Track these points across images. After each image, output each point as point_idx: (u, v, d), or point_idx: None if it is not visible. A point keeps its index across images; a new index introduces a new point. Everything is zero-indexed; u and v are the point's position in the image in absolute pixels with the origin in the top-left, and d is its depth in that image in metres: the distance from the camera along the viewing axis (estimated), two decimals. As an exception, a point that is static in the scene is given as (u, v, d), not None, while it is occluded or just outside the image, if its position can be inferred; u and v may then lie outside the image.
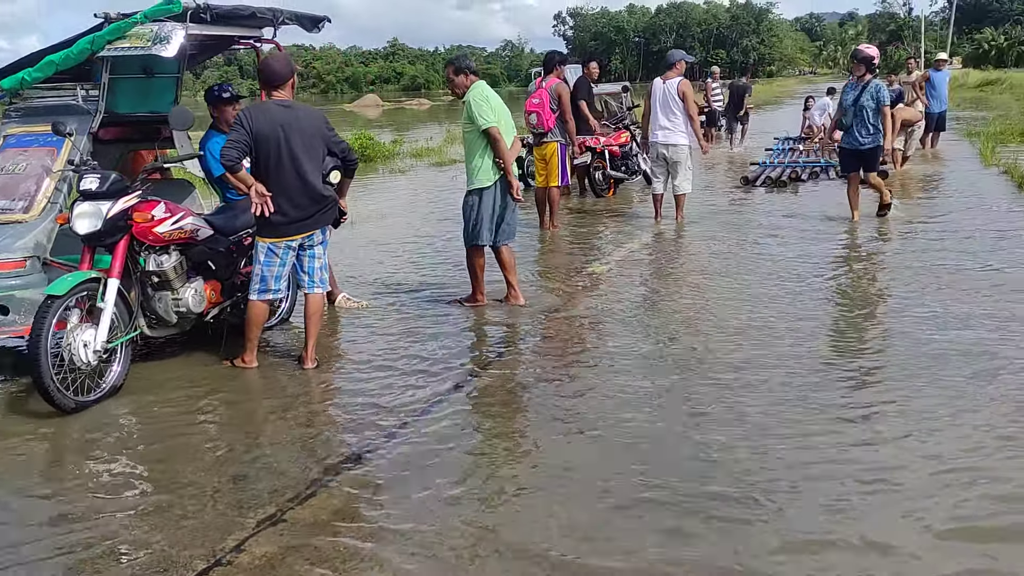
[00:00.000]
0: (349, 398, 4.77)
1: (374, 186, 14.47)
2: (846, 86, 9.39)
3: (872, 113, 8.90)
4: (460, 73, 6.17)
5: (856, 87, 9.06)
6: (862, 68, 9.00)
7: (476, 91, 6.09)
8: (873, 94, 8.89)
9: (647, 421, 4.24)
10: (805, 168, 13.38)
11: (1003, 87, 38.11)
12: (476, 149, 6.10)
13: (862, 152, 9.08)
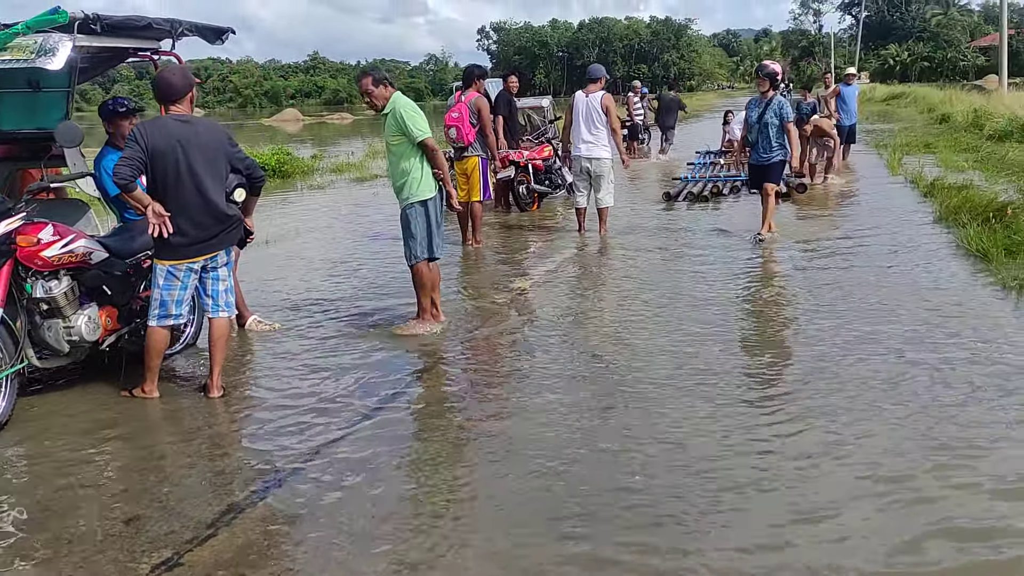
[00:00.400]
0: (256, 429, 4.52)
1: (292, 202, 14.11)
2: (750, 102, 9.24)
3: (776, 130, 8.81)
4: (380, 84, 5.87)
5: (760, 104, 8.96)
6: (766, 83, 8.93)
7: (403, 102, 5.89)
8: (776, 111, 8.80)
9: (569, 443, 4.09)
10: (726, 183, 13.33)
11: (908, 100, 39.42)
12: (411, 161, 5.87)
13: (763, 167, 9.02)
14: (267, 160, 17.87)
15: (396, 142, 5.89)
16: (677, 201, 12.28)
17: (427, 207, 5.92)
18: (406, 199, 5.93)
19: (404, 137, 5.82)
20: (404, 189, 5.92)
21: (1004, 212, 8.32)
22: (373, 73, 5.96)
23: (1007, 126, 17.90)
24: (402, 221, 6.03)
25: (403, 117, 5.78)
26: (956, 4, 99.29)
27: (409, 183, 5.88)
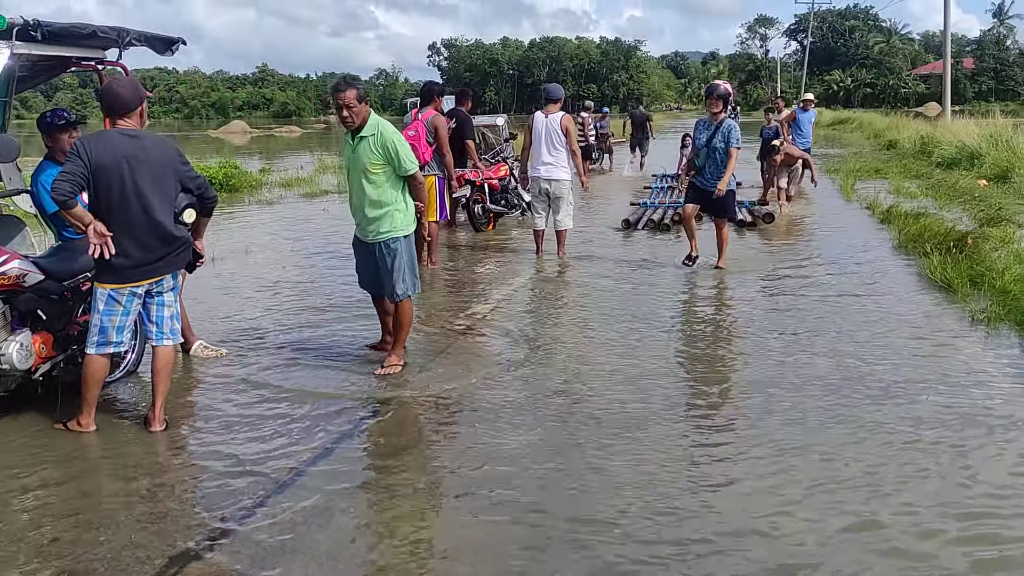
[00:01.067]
0: (202, 465, 4.21)
1: (239, 218, 13.70)
2: (699, 123, 8.71)
3: (724, 155, 8.35)
4: (363, 101, 5.30)
5: (710, 126, 8.46)
6: (719, 104, 8.36)
7: (389, 128, 5.33)
8: (725, 135, 8.31)
9: (524, 481, 3.86)
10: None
11: (854, 126, 40.33)
12: (393, 192, 5.36)
13: (717, 198, 8.46)
14: (214, 173, 17.44)
15: (377, 171, 5.30)
16: (636, 229, 11.63)
17: (409, 241, 5.50)
18: (387, 232, 5.39)
19: (388, 167, 5.30)
20: (383, 222, 5.38)
21: (965, 242, 8.34)
22: (358, 86, 5.32)
23: (955, 154, 18.24)
24: (382, 256, 5.45)
25: (395, 146, 5.24)
26: (898, 32, 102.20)
27: (390, 216, 5.37)
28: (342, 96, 5.19)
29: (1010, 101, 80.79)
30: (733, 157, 8.34)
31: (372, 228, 5.43)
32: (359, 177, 5.36)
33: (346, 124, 5.29)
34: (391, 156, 5.26)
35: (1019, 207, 11.66)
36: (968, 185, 14.18)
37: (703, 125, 8.56)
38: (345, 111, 5.22)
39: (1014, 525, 3.43)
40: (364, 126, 5.29)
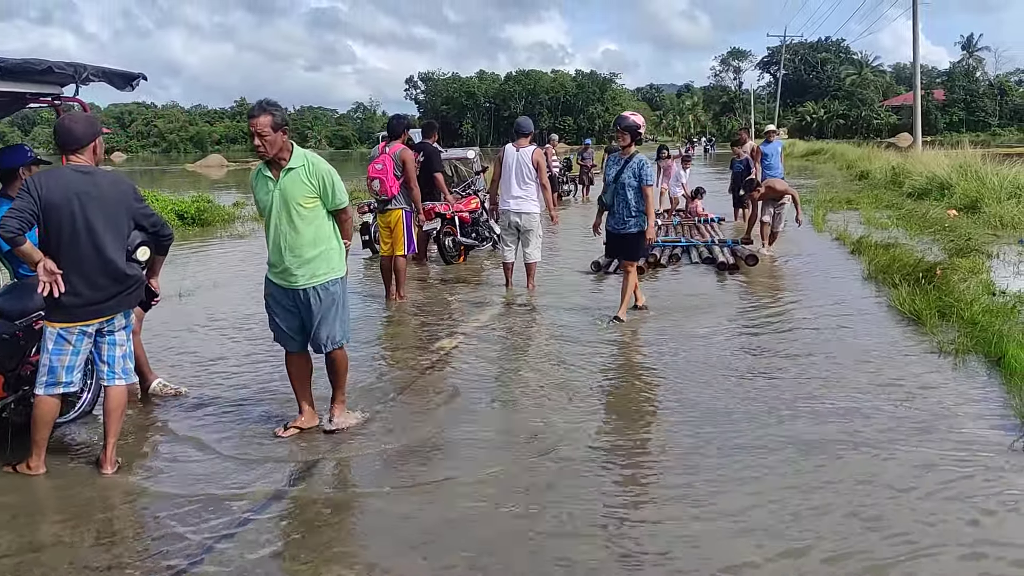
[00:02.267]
0: (154, 512, 4.06)
1: (210, 252, 13.57)
2: (608, 159, 8.09)
3: (634, 193, 7.64)
4: (281, 129, 4.67)
5: (619, 161, 7.78)
6: (627, 137, 7.68)
7: (317, 158, 4.83)
8: (636, 170, 7.61)
9: (490, 529, 3.76)
10: (664, 249, 11.82)
11: (826, 156, 40.81)
12: (327, 230, 4.85)
13: (621, 236, 7.80)
14: (187, 208, 17.33)
15: (310, 205, 4.75)
16: (607, 273, 10.55)
17: (344, 283, 4.99)
18: (323, 275, 4.83)
19: (320, 201, 4.78)
20: (319, 264, 4.82)
21: (934, 273, 8.36)
22: (274, 112, 4.65)
23: (926, 184, 18.43)
24: (317, 302, 4.86)
25: (330, 177, 4.77)
26: (869, 65, 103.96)
27: (326, 256, 4.84)
28: (254, 123, 4.60)
29: (980, 132, 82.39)
30: (649, 197, 7.67)
31: (304, 272, 4.81)
32: (287, 215, 4.77)
33: (259, 154, 4.71)
34: (325, 188, 4.76)
35: (988, 237, 11.76)
36: (938, 215, 14.31)
37: (612, 160, 7.90)
38: (257, 139, 4.64)
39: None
40: (290, 158, 4.73)
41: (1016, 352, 5.77)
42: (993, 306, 7.29)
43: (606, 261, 10.48)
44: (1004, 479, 4.12)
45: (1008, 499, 3.89)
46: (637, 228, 7.67)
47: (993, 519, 3.73)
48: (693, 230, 14.39)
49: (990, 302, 7.47)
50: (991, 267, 9.49)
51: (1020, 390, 5.24)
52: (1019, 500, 3.88)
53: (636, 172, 7.62)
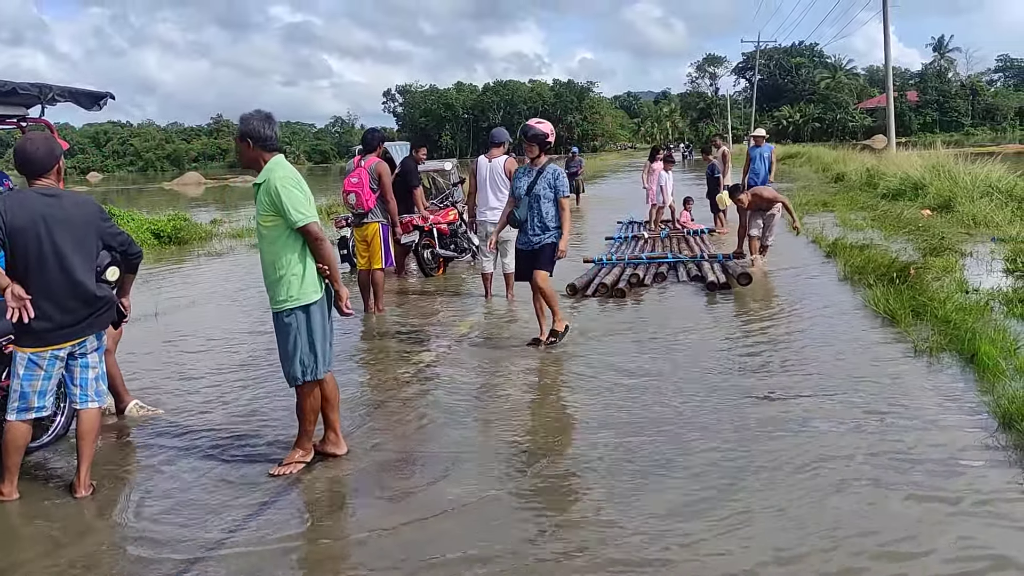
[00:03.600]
0: (127, 536, 4.02)
1: (187, 271, 13.48)
2: (517, 171, 7.58)
3: (550, 204, 7.19)
4: (246, 140, 4.51)
5: (529, 172, 7.31)
6: (535, 148, 7.23)
7: (281, 172, 4.46)
8: (551, 181, 7.18)
9: (472, 552, 3.74)
10: (648, 266, 10.81)
11: (803, 160, 41.12)
12: (289, 252, 4.45)
13: (533, 251, 7.27)
14: (163, 226, 17.24)
15: (270, 224, 4.46)
16: (585, 295, 9.58)
17: (309, 313, 4.53)
18: (282, 302, 4.50)
19: (280, 219, 4.43)
20: (279, 288, 4.49)
21: (907, 273, 8.42)
22: (242, 124, 4.54)
23: (900, 185, 18.60)
24: (276, 331, 4.62)
25: (278, 192, 4.37)
26: (843, 68, 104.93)
27: (287, 281, 4.47)
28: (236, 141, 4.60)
29: (953, 132, 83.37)
30: (566, 209, 7.21)
31: (269, 295, 4.60)
32: (258, 235, 4.65)
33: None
34: (277, 205, 4.39)
35: (961, 236, 11.86)
36: (912, 216, 14.43)
37: (523, 172, 7.42)
38: (238, 156, 4.59)
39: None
40: (260, 172, 4.52)
41: (988, 349, 5.82)
42: (966, 304, 7.35)
43: (583, 282, 9.82)
44: (982, 476, 4.14)
45: (984, 497, 3.92)
46: (550, 240, 7.18)
47: (968, 516, 3.75)
48: (681, 243, 13.52)
49: (963, 300, 7.54)
50: (964, 265, 9.57)
51: (992, 387, 5.28)
52: (994, 498, 3.90)
53: (551, 183, 7.18)
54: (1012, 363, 5.67)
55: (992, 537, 3.55)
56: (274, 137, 4.57)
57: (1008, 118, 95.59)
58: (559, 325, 7.28)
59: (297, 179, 4.51)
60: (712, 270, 10.10)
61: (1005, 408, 4.79)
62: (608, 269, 10.56)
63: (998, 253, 10.24)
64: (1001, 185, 15.66)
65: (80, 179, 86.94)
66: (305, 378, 4.59)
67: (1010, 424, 4.64)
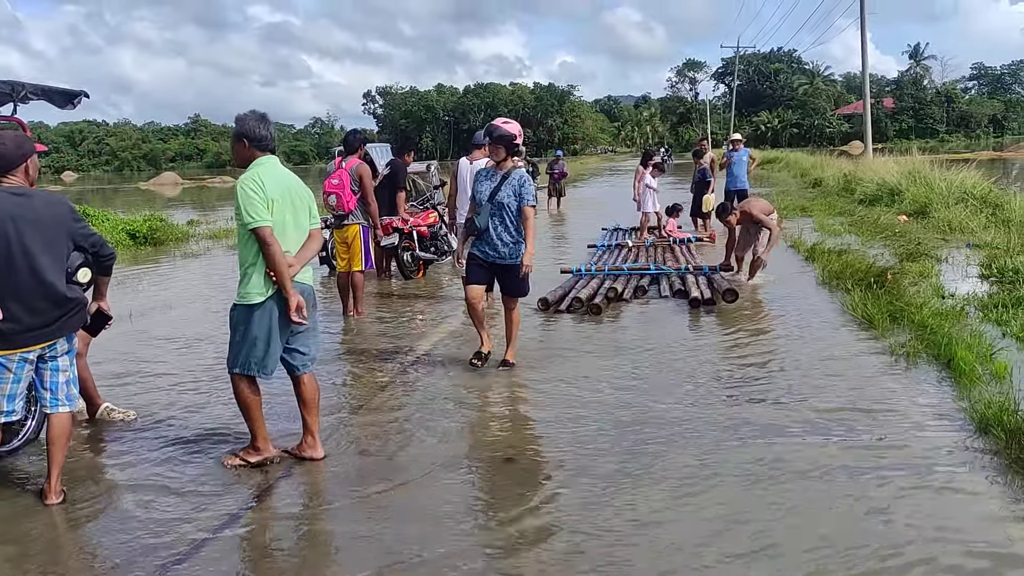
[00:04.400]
0: (101, 539, 3.96)
1: (163, 272, 13.33)
2: (479, 173, 6.79)
3: (515, 214, 6.51)
4: (240, 140, 4.64)
5: (493, 176, 6.60)
6: (501, 151, 6.50)
7: (251, 173, 4.54)
8: (516, 188, 6.47)
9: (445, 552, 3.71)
10: (629, 277, 10.14)
11: (781, 165, 41.38)
12: (247, 250, 4.52)
13: (504, 268, 6.59)
14: (139, 227, 17.07)
15: (238, 222, 4.57)
16: (559, 310, 8.85)
17: (251, 314, 4.54)
18: (239, 295, 4.60)
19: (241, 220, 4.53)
20: (240, 282, 4.60)
21: (885, 278, 8.47)
22: (237, 124, 4.66)
23: (876, 191, 18.75)
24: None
25: (237, 191, 4.49)
26: (820, 74, 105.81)
27: (245, 278, 4.55)
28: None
29: (929, 138, 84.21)
30: (530, 219, 6.51)
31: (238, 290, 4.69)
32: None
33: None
34: (236, 205, 4.50)
35: (937, 242, 11.96)
36: (889, 221, 14.54)
37: (485, 175, 6.69)
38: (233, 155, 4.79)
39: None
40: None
41: (964, 355, 5.86)
42: (942, 309, 7.41)
43: (556, 297, 9.04)
44: (954, 482, 4.15)
45: (963, 499, 3.93)
46: (520, 257, 6.53)
47: (948, 519, 3.76)
48: (666, 252, 12.77)
49: (939, 305, 7.59)
50: (940, 271, 9.65)
51: (969, 392, 5.31)
52: (972, 502, 3.92)
53: (516, 190, 6.48)
54: (988, 368, 5.71)
55: (962, 532, 3.56)
56: (268, 137, 4.67)
57: (982, 125, 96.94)
58: (512, 356, 6.72)
59: (258, 183, 4.47)
60: (696, 284, 9.39)
61: (982, 413, 4.82)
62: (586, 280, 9.89)
63: (973, 259, 10.34)
64: (976, 191, 15.82)
65: (54, 178, 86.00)
66: (233, 369, 4.65)
67: (987, 429, 4.66)
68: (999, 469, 4.25)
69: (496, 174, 6.59)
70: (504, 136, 6.49)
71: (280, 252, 4.46)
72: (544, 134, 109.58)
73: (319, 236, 4.89)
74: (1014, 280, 8.33)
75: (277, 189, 4.55)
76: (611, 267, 10.72)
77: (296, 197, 4.67)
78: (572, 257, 12.69)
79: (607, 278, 10.06)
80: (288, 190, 4.63)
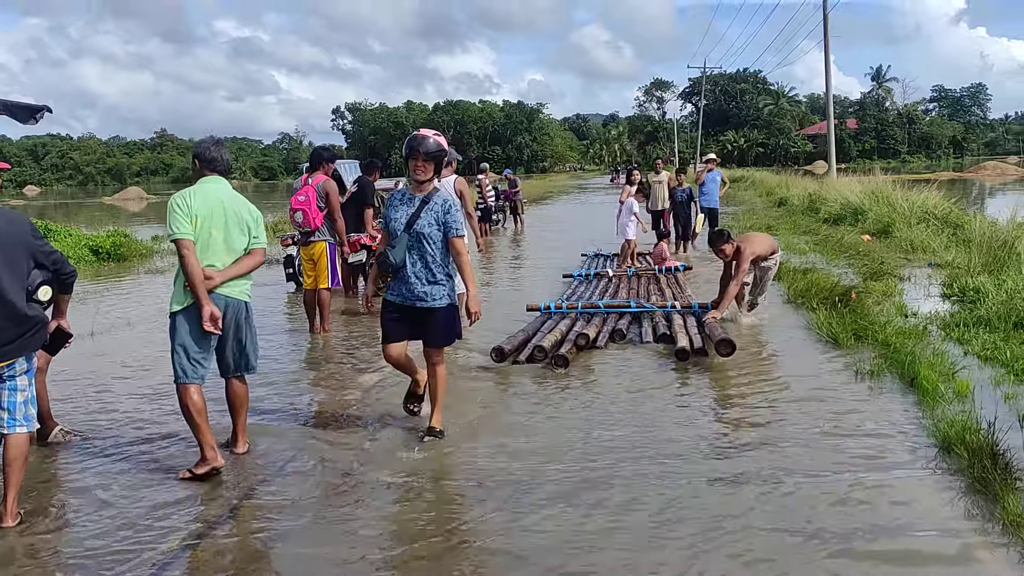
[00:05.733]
0: (59, 561, 3.87)
1: (125, 289, 13.13)
2: (392, 197, 5.48)
3: (438, 248, 5.23)
4: (193, 160, 5.05)
5: (410, 201, 5.28)
6: (428, 169, 5.18)
7: (185, 189, 4.88)
8: (439, 215, 5.19)
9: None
10: (605, 318, 8.58)
11: (747, 184, 41.82)
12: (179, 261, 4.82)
13: (422, 312, 5.29)
14: (102, 243, 16.82)
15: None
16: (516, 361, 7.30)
17: (175, 322, 4.82)
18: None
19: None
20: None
21: (849, 296, 8.56)
22: (194, 146, 5.08)
23: (840, 210, 19.00)
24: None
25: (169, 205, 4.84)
26: (785, 95, 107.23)
27: (173, 288, 4.95)
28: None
29: (891, 159, 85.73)
30: (463, 255, 5.29)
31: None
32: None
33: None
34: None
35: (900, 261, 12.13)
36: (853, 240, 14.72)
37: (400, 198, 5.37)
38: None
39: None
40: None
41: (927, 373, 5.93)
42: (905, 328, 7.50)
43: (515, 344, 7.48)
44: (918, 501, 4.19)
45: (923, 519, 3.96)
46: (446, 300, 5.32)
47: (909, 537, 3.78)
48: (651, 284, 11.08)
49: (903, 324, 7.69)
50: (903, 290, 9.78)
51: (932, 410, 5.37)
52: (931, 517, 3.95)
53: (439, 217, 5.21)
54: (951, 386, 5.78)
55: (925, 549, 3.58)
56: (219, 160, 4.98)
57: (942, 146, 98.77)
58: (438, 422, 5.45)
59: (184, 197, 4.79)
60: (685, 328, 7.88)
61: (944, 432, 4.87)
62: (555, 321, 8.34)
63: (935, 278, 10.49)
64: (937, 212, 16.12)
65: (16, 192, 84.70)
66: (175, 379, 4.85)
67: (950, 448, 4.71)
68: (962, 488, 4.29)
69: (413, 198, 5.30)
70: (436, 152, 5.18)
71: (194, 264, 4.67)
72: (513, 151, 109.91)
73: (258, 255, 5.06)
74: (975, 299, 8.46)
75: (206, 207, 4.80)
76: (585, 304, 9.08)
77: (233, 217, 4.88)
78: (542, 289, 11.52)
79: (580, 317, 8.63)
80: (223, 210, 4.85)
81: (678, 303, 9.02)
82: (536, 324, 8.36)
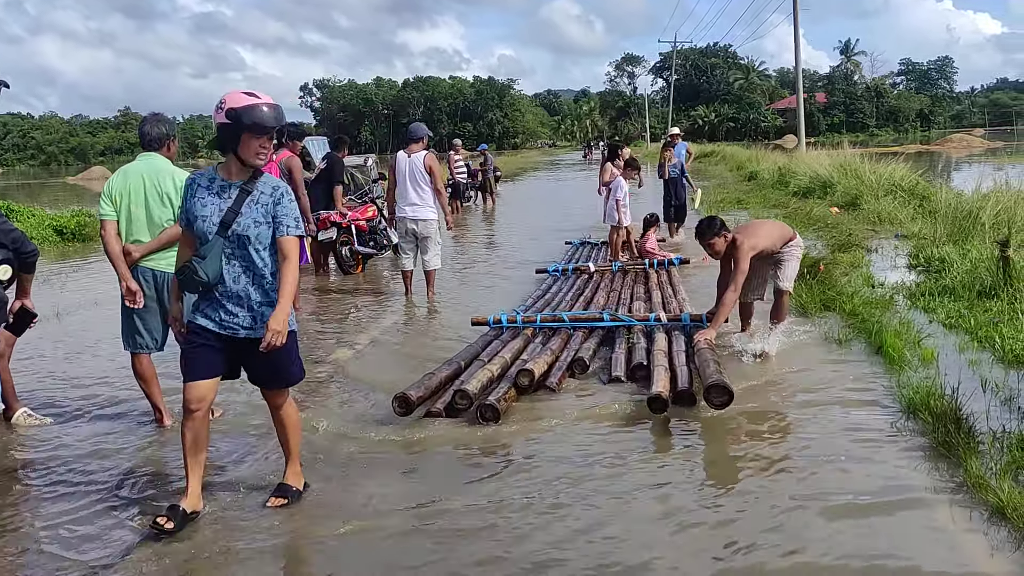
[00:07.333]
0: (19, 546, 3.82)
1: (91, 269, 12.96)
2: (196, 183, 3.86)
3: (269, 252, 3.86)
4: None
5: (223, 190, 3.82)
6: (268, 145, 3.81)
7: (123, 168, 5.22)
8: (268, 207, 3.79)
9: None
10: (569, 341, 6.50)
11: (718, 159, 42.00)
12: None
13: (250, 345, 3.87)
14: (66, 223, 16.59)
15: None
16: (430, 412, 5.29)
17: (121, 297, 5.22)
18: None
19: None
20: None
21: (817, 268, 8.64)
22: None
23: (809, 184, 19.14)
24: None
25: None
26: (755, 70, 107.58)
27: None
28: None
29: (859, 132, 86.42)
30: (291, 259, 3.82)
31: None
32: None
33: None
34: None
35: (867, 233, 12.24)
36: (821, 213, 14.83)
37: (207, 185, 3.85)
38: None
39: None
40: None
41: (893, 341, 6.01)
42: (872, 298, 7.58)
43: (430, 385, 5.48)
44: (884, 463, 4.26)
45: (890, 485, 4.02)
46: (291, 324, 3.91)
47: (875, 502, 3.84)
48: (636, 283, 9.09)
49: (870, 294, 7.77)
50: (870, 261, 9.87)
51: (898, 376, 5.45)
52: (896, 478, 4.01)
53: (268, 210, 3.81)
54: (916, 354, 5.86)
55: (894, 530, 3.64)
56: (145, 134, 5.15)
57: (910, 119, 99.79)
58: (293, 479, 4.20)
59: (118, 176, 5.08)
60: (668, 354, 5.89)
61: (910, 398, 4.94)
62: (501, 344, 6.39)
63: (902, 249, 10.60)
64: (904, 184, 16.25)
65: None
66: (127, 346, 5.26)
67: (914, 412, 4.78)
68: (925, 450, 4.36)
69: (228, 186, 3.82)
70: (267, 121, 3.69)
71: (110, 242, 4.99)
72: (484, 128, 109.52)
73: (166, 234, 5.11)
74: (940, 269, 8.56)
75: (125, 185, 5.04)
76: (546, 317, 7.00)
77: (152, 191, 5.04)
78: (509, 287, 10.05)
79: (539, 333, 6.77)
80: (142, 186, 5.03)
81: (664, 314, 6.92)
82: (476, 347, 6.33)
